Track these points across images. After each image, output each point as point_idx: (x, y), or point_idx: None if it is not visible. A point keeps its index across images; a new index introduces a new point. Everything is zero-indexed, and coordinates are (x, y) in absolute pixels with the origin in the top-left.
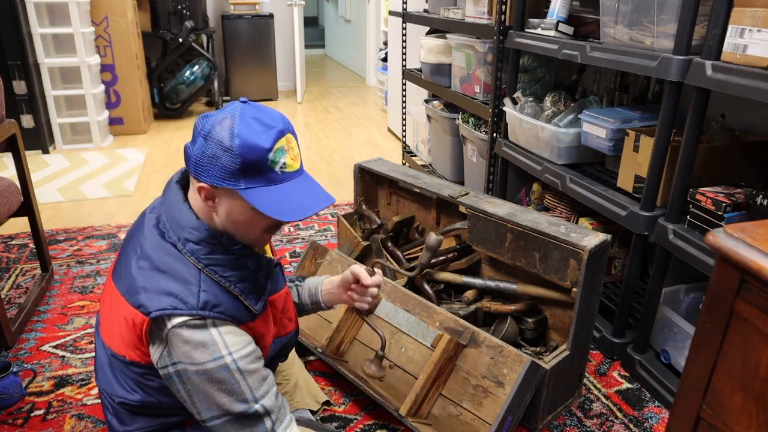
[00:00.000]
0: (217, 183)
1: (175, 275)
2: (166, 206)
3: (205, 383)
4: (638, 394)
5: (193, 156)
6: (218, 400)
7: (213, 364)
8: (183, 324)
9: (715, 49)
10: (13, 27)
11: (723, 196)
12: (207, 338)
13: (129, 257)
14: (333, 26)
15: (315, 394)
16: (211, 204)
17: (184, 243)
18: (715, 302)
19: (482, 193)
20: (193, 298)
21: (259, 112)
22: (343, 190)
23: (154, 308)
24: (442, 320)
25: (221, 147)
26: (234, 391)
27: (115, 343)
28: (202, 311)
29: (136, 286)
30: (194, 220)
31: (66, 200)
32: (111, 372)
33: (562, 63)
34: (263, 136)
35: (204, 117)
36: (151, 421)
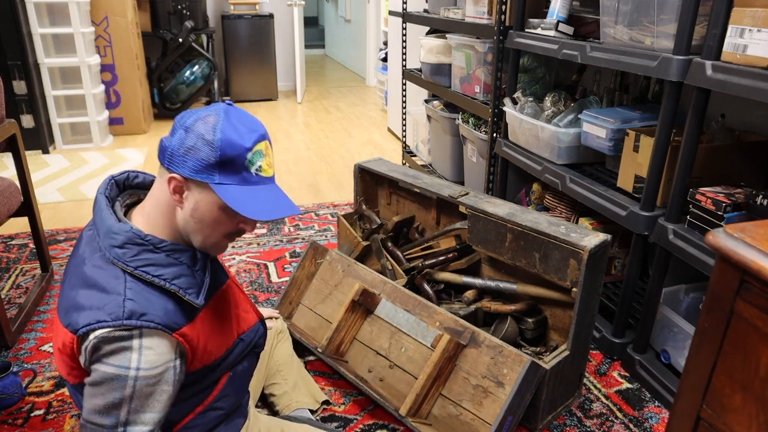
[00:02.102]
0: (190, 175)
1: (102, 287)
2: (95, 219)
3: (94, 382)
4: (638, 394)
5: (170, 147)
6: (94, 403)
7: (112, 369)
8: (106, 335)
9: (715, 49)
10: (13, 27)
11: (723, 196)
12: (123, 346)
13: (67, 277)
14: (333, 26)
15: (314, 394)
16: (178, 198)
17: (109, 249)
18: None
19: (482, 193)
20: (118, 308)
21: (243, 115)
22: (343, 190)
23: (80, 325)
24: (442, 320)
25: (202, 139)
26: (110, 402)
27: (60, 368)
28: (128, 321)
29: (69, 306)
30: (115, 223)
31: (66, 200)
32: (74, 392)
33: (562, 63)
34: (245, 136)
35: (188, 112)
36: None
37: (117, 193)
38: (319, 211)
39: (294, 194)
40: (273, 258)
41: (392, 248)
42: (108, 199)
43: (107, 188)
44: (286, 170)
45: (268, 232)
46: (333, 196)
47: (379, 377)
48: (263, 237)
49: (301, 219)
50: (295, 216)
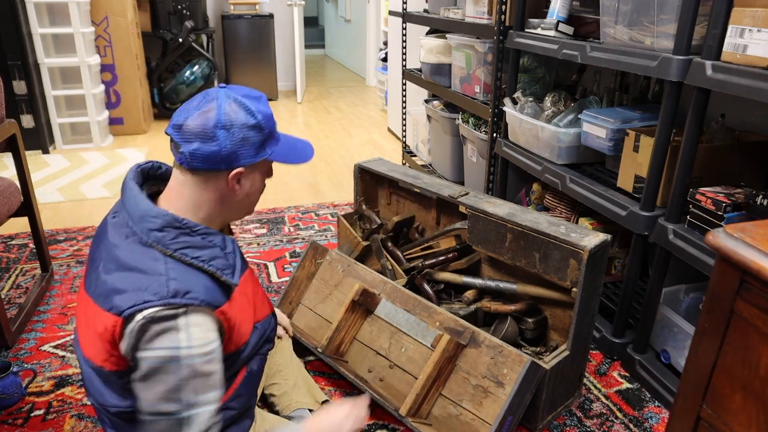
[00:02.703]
0: (251, 160)
1: (142, 270)
2: (126, 204)
3: (149, 372)
4: (638, 394)
5: (222, 150)
6: (155, 391)
7: (163, 353)
8: (152, 315)
9: (715, 49)
10: (13, 27)
11: (723, 196)
12: (171, 326)
13: (97, 265)
14: (333, 26)
15: (314, 394)
16: (238, 186)
17: (148, 234)
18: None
19: (482, 193)
20: (162, 288)
21: (242, 88)
22: (343, 190)
23: (125, 306)
24: (442, 320)
25: (247, 127)
26: (173, 387)
27: (93, 355)
28: (173, 299)
29: (108, 290)
30: (153, 208)
31: (66, 200)
32: (100, 383)
33: (562, 63)
34: (263, 103)
35: (193, 116)
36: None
37: (142, 181)
38: (319, 211)
39: (294, 194)
40: (273, 258)
41: (392, 248)
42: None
43: (135, 176)
44: (286, 170)
45: (268, 232)
46: (333, 196)
47: (379, 377)
48: (263, 237)
49: (301, 219)
50: (295, 216)
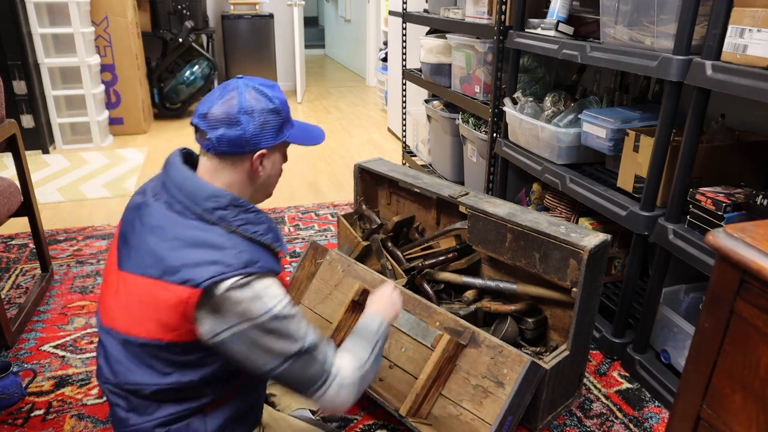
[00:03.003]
0: (272, 142)
1: (211, 245)
2: (179, 185)
3: (261, 337)
4: (638, 394)
5: (246, 134)
6: (276, 348)
7: (266, 317)
8: (232, 286)
9: (715, 49)
10: (13, 27)
11: (723, 196)
12: (255, 294)
13: (150, 245)
14: (333, 26)
15: None
16: (261, 168)
17: (211, 212)
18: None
19: (482, 193)
20: (236, 260)
21: (257, 78)
22: (343, 190)
23: (202, 278)
24: (442, 320)
25: (267, 111)
26: (287, 335)
27: (146, 330)
28: (246, 269)
29: (175, 266)
30: (215, 188)
31: (66, 200)
32: (136, 362)
33: (562, 63)
34: (278, 91)
35: (216, 105)
36: (175, 407)
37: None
38: (319, 211)
39: (294, 194)
40: None
41: (392, 248)
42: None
43: (181, 159)
44: (286, 170)
45: None
46: (333, 196)
47: (379, 377)
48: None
49: (301, 219)
50: (295, 216)
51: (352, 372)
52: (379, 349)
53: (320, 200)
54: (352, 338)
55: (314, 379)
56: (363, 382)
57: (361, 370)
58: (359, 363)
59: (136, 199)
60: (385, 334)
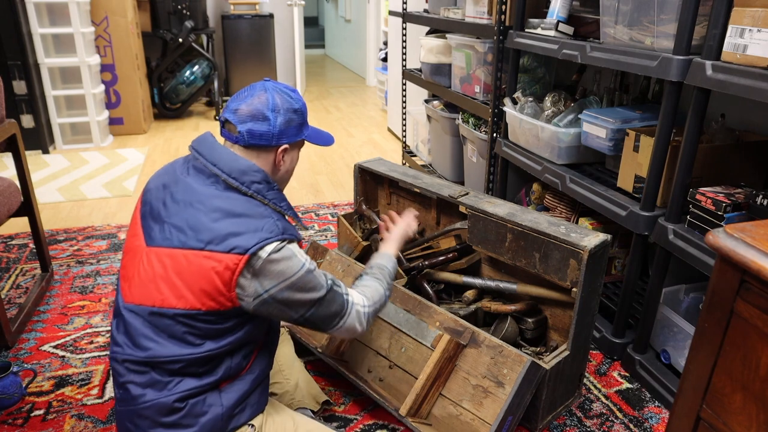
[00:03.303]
0: (293, 139)
1: (252, 215)
2: (216, 161)
3: (296, 292)
4: (638, 394)
5: (272, 129)
6: (308, 297)
7: (300, 272)
8: (273, 251)
9: (715, 49)
10: (13, 27)
11: (723, 196)
12: (290, 254)
13: (190, 219)
14: (333, 26)
15: (315, 395)
16: (282, 161)
17: (250, 185)
18: (715, 302)
19: (482, 193)
20: (275, 227)
21: (281, 83)
22: (343, 190)
23: (249, 245)
24: (442, 320)
25: (292, 110)
26: (315, 285)
27: (188, 301)
28: (283, 235)
29: (220, 236)
30: (253, 164)
31: (66, 200)
32: (165, 336)
33: (562, 63)
34: (298, 94)
35: (247, 102)
36: (195, 382)
37: None
38: (319, 211)
39: (294, 194)
40: None
41: None
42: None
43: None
44: None
45: None
46: (333, 196)
47: (379, 377)
48: None
49: (301, 219)
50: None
51: (370, 303)
52: (390, 282)
53: (320, 200)
54: (371, 274)
55: (337, 312)
56: (378, 311)
57: (376, 303)
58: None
59: (159, 181)
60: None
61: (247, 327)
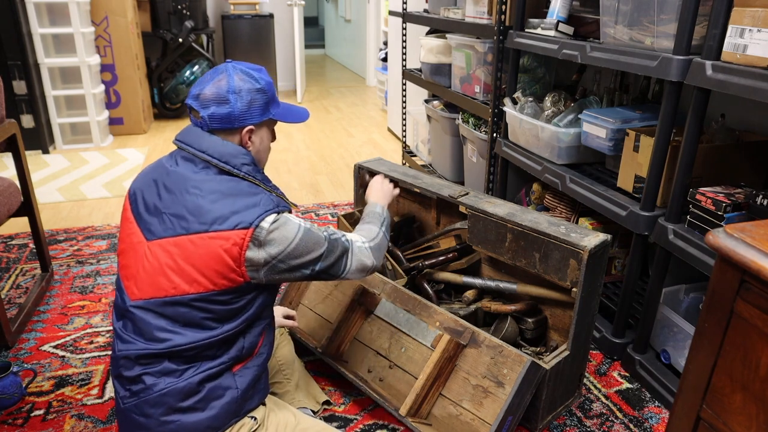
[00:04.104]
0: (259, 119)
1: (247, 192)
2: (206, 147)
3: (301, 251)
4: (638, 394)
5: (235, 111)
6: (312, 254)
7: (300, 233)
8: (273, 221)
9: (715, 49)
10: (13, 27)
11: (723, 196)
12: (287, 220)
13: (189, 205)
14: (333, 26)
15: (315, 395)
16: (250, 143)
17: (240, 167)
18: (715, 302)
19: (482, 193)
20: (270, 201)
21: (245, 63)
22: (343, 190)
23: (253, 218)
24: (442, 320)
25: (254, 91)
26: (316, 240)
27: (200, 284)
28: (278, 207)
29: (224, 215)
30: (238, 147)
31: (66, 200)
32: (179, 324)
33: (562, 63)
34: (264, 73)
35: (208, 86)
36: (211, 362)
37: None
38: (319, 211)
39: (294, 194)
40: None
41: (392, 248)
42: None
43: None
44: (286, 170)
45: None
46: (333, 196)
47: (379, 377)
48: None
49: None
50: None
51: (368, 239)
52: (386, 226)
53: (320, 200)
54: (361, 223)
55: (341, 255)
56: (380, 246)
57: (375, 239)
58: (372, 233)
59: (148, 178)
60: (388, 215)
61: (258, 302)
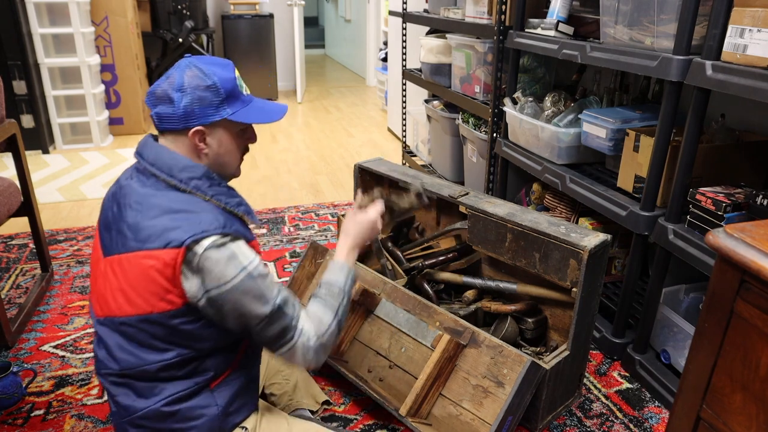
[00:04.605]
0: (208, 120)
1: (191, 210)
2: (153, 161)
3: (238, 297)
4: (638, 394)
5: (178, 110)
6: (251, 309)
7: (241, 275)
8: (212, 245)
9: (715, 49)
10: (13, 27)
11: (723, 196)
12: (231, 253)
13: (129, 221)
14: (333, 26)
15: (314, 395)
16: (203, 145)
17: (187, 181)
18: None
19: (482, 193)
20: (214, 220)
21: (208, 57)
22: (343, 190)
23: (185, 237)
24: (442, 320)
25: (201, 88)
26: (260, 295)
27: (139, 306)
28: (225, 229)
29: (156, 232)
30: (189, 161)
31: (66, 200)
32: (135, 344)
33: (562, 63)
34: (225, 69)
35: (159, 82)
36: (183, 383)
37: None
38: (319, 211)
39: (294, 194)
40: (273, 258)
41: (392, 248)
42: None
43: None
44: (286, 170)
45: (268, 233)
46: (333, 196)
47: (379, 377)
48: (263, 237)
49: (301, 219)
50: (295, 216)
51: (317, 336)
52: (344, 307)
53: (320, 200)
54: (318, 298)
55: (282, 335)
56: (326, 345)
57: (324, 335)
58: (323, 328)
59: (112, 189)
60: (351, 284)
61: (213, 336)
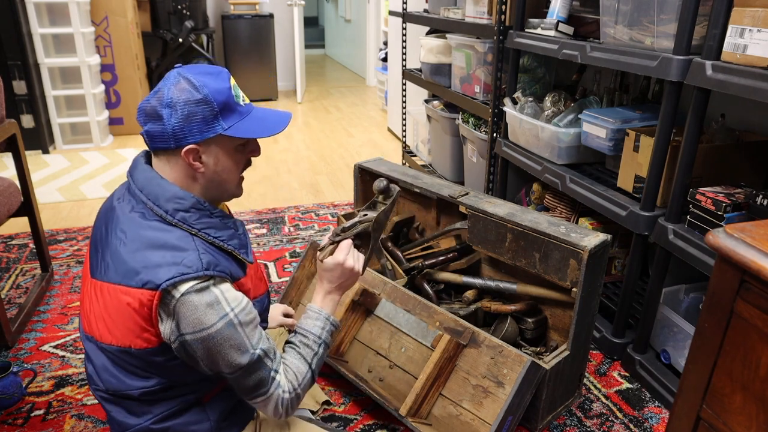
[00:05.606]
0: (202, 137)
1: (171, 246)
2: (142, 186)
3: (215, 345)
4: (638, 394)
5: (168, 128)
6: (228, 357)
7: (220, 324)
8: (191, 290)
9: (715, 49)
10: (13, 27)
11: (723, 196)
12: (213, 298)
13: (112, 249)
14: (333, 26)
15: (314, 395)
16: (198, 164)
17: (173, 213)
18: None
19: (482, 193)
20: (196, 262)
21: (199, 67)
22: (343, 190)
23: (162, 279)
24: (442, 320)
25: (192, 103)
26: (239, 345)
27: (118, 338)
28: (207, 271)
29: (136, 268)
30: (179, 190)
31: (66, 200)
32: (119, 369)
33: (562, 63)
34: (218, 79)
35: (149, 98)
36: (170, 403)
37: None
38: (319, 211)
39: (294, 194)
40: (273, 258)
41: (392, 248)
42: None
43: (146, 160)
44: (286, 170)
45: (268, 233)
46: (333, 196)
47: (379, 377)
48: (263, 237)
49: (301, 219)
50: (295, 216)
51: (292, 389)
52: (320, 357)
53: (320, 200)
54: (293, 346)
55: (258, 387)
56: (301, 396)
57: (299, 388)
58: (299, 380)
59: (106, 204)
60: (330, 329)
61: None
